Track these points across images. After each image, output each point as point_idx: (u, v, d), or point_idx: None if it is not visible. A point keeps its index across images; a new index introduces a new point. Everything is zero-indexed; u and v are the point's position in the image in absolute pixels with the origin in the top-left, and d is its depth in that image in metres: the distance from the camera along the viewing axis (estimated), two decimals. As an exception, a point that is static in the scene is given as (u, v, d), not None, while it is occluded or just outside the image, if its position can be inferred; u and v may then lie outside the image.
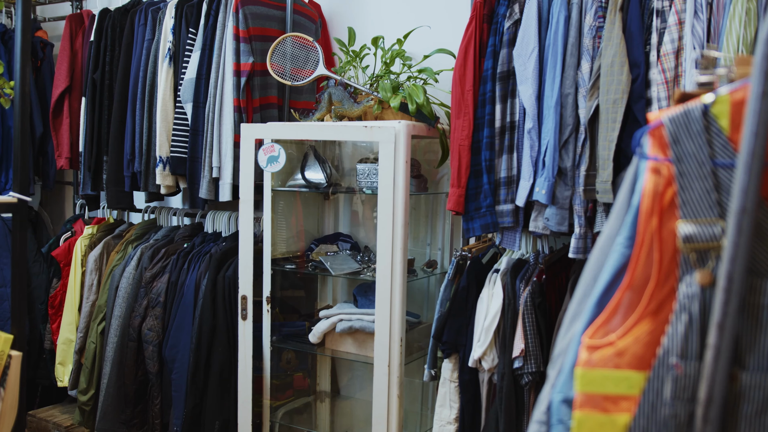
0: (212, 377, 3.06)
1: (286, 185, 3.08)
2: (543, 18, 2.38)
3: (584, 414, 0.92)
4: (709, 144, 0.90)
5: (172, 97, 3.23)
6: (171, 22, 3.24)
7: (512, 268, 2.49)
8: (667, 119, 0.92)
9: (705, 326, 0.88)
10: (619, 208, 0.99)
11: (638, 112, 2.15)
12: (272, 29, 3.13)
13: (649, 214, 0.92)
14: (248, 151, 2.85)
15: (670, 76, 2.12)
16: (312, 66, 2.88)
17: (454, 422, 2.57)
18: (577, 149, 2.27)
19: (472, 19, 2.51)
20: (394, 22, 3.19)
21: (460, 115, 2.50)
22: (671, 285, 0.92)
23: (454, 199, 2.50)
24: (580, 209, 2.27)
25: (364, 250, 3.17)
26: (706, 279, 0.88)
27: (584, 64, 2.27)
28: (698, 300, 0.88)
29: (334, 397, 3.38)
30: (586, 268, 1.03)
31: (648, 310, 0.92)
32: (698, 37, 2.08)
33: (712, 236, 0.88)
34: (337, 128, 2.74)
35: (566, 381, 0.96)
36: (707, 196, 0.89)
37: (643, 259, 0.93)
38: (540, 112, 2.35)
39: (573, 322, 1.01)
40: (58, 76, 3.74)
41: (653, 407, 0.90)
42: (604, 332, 0.93)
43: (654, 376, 0.90)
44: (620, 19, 2.20)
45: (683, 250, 0.90)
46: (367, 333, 2.86)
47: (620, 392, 0.91)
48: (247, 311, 2.89)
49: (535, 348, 2.36)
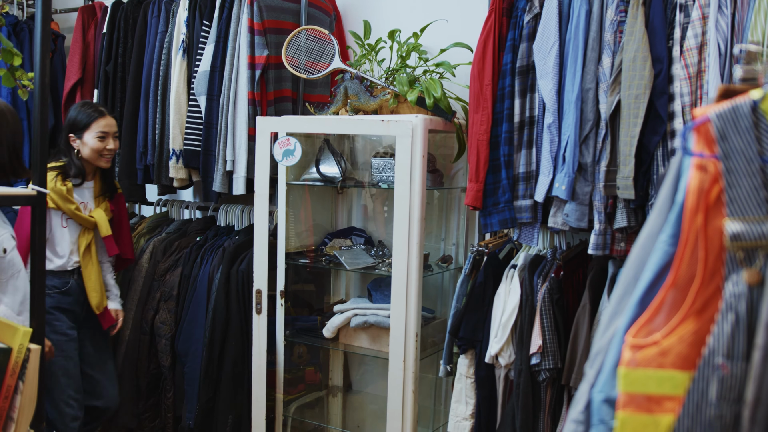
0: (225, 371, 3.06)
1: (300, 179, 3.06)
2: (563, 12, 2.36)
3: (627, 414, 0.90)
4: (758, 141, 0.88)
5: (185, 90, 3.22)
6: (185, 14, 3.22)
7: (530, 264, 2.47)
8: (714, 115, 0.91)
9: (752, 326, 0.86)
10: (661, 205, 0.98)
11: (660, 108, 2.13)
12: (287, 22, 3.12)
13: (694, 211, 0.91)
14: (264, 145, 2.84)
15: (694, 71, 2.10)
16: (327, 59, 2.86)
17: (470, 418, 2.56)
18: (598, 145, 2.26)
19: (491, 13, 2.49)
20: (410, 15, 3.17)
21: (479, 110, 2.49)
22: (717, 284, 0.90)
23: (472, 194, 2.49)
24: (600, 205, 2.25)
25: (378, 244, 3.16)
26: (754, 278, 0.87)
27: (605, 58, 2.25)
28: (745, 299, 0.87)
29: (346, 391, 3.37)
30: (627, 265, 1.01)
31: (693, 310, 0.90)
32: (722, 32, 2.06)
33: (760, 234, 0.87)
34: (354, 122, 2.72)
35: (608, 380, 0.95)
36: (755, 194, 0.88)
37: (688, 258, 0.91)
38: (560, 107, 2.33)
39: (613, 320, 1.00)
40: (70, 68, 3.72)
41: (698, 408, 0.88)
42: (648, 331, 0.92)
43: (699, 376, 0.88)
44: (642, 13, 2.17)
45: (730, 248, 0.88)
46: (381, 328, 2.85)
47: (664, 392, 0.90)
48: (262, 305, 2.89)
49: (553, 344, 2.35)
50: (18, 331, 1.89)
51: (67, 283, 2.90)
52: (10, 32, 3.80)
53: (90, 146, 2.92)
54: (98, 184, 3.04)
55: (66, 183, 2.89)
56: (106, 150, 2.95)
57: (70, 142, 2.94)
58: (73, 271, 2.94)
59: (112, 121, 3.00)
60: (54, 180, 2.85)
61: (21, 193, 1.85)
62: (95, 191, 3.03)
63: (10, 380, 1.88)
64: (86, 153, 2.94)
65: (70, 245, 2.91)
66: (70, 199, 2.87)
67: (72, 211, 2.87)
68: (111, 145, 2.97)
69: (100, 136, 2.92)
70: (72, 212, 2.88)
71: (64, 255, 2.89)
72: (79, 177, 2.95)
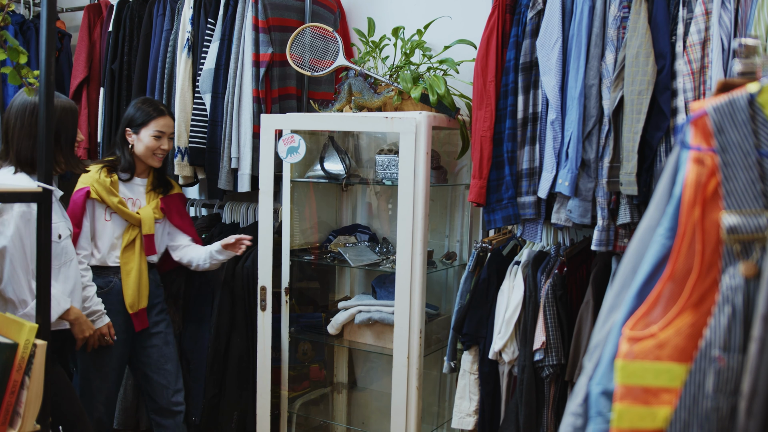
0: (230, 368, 3.07)
1: (304, 176, 3.07)
2: (567, 8, 2.36)
3: (625, 406, 0.91)
4: (755, 134, 0.89)
5: (190, 88, 3.23)
6: (190, 13, 3.24)
7: (533, 261, 2.48)
8: (712, 108, 0.91)
9: (749, 318, 0.86)
10: (659, 198, 0.98)
11: (663, 104, 2.13)
12: (291, 19, 3.12)
13: (691, 204, 0.91)
14: (268, 142, 2.85)
15: (697, 67, 2.09)
16: (331, 57, 2.87)
17: (473, 414, 2.57)
18: (601, 141, 2.26)
19: (495, 10, 2.49)
20: (414, 12, 3.17)
21: (482, 106, 2.49)
22: (714, 277, 0.90)
23: (475, 190, 2.49)
24: (604, 201, 2.25)
25: (382, 241, 3.17)
26: (750, 270, 0.87)
27: (608, 54, 2.25)
28: (742, 292, 0.87)
29: (351, 388, 3.38)
30: (624, 258, 1.02)
31: (690, 302, 0.91)
32: (725, 27, 2.06)
33: (757, 227, 0.87)
34: (358, 119, 2.73)
35: (605, 373, 0.96)
36: (752, 187, 0.88)
37: (685, 250, 0.92)
38: (563, 103, 2.33)
39: (611, 314, 1.00)
40: (76, 66, 3.74)
41: (695, 400, 0.89)
42: (645, 324, 0.92)
43: (696, 368, 0.89)
44: (646, 9, 2.17)
45: (727, 241, 0.89)
46: (385, 324, 2.86)
47: (661, 384, 0.90)
48: (266, 302, 2.89)
49: (556, 340, 2.35)
50: (24, 326, 1.91)
51: (110, 282, 2.85)
52: (17, 31, 3.82)
53: (144, 143, 2.91)
54: (151, 179, 3.01)
55: (111, 176, 2.87)
56: (160, 149, 2.93)
57: (125, 136, 2.93)
58: (116, 270, 2.87)
59: (171, 122, 2.99)
60: (98, 171, 2.85)
61: (26, 189, 1.87)
62: (148, 186, 3.00)
63: (16, 375, 1.89)
64: (139, 150, 2.92)
65: (111, 239, 2.86)
66: (113, 192, 2.85)
67: (115, 204, 2.84)
68: (165, 145, 2.95)
69: (157, 135, 2.91)
70: (115, 206, 2.84)
71: (103, 249, 2.85)
72: (127, 172, 2.93)
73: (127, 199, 2.92)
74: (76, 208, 2.80)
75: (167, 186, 3.08)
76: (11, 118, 2.39)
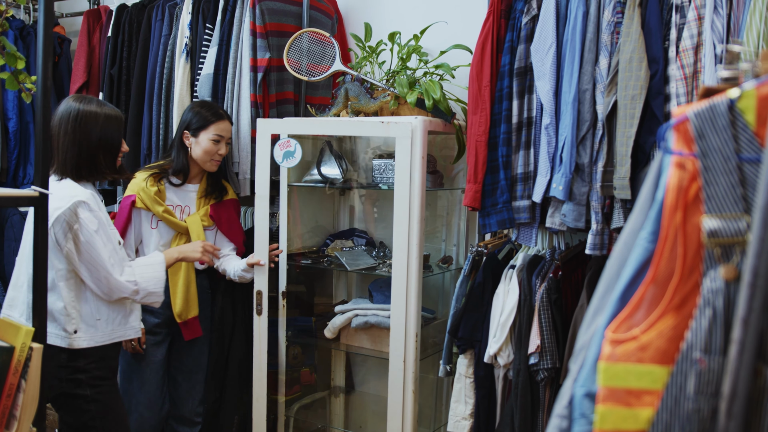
0: (231, 372, 3.08)
1: (302, 181, 3.08)
2: (561, 14, 2.37)
3: (607, 408, 0.92)
4: (735, 139, 0.90)
5: (188, 93, 3.25)
6: (188, 18, 3.26)
7: (528, 264, 2.49)
8: (693, 114, 0.92)
9: (729, 321, 0.87)
10: (642, 202, 0.99)
11: (657, 108, 2.14)
12: (289, 25, 3.14)
13: (673, 208, 0.92)
14: (264, 146, 2.86)
15: (690, 71, 2.11)
16: (328, 62, 2.88)
17: (469, 417, 2.58)
18: (595, 145, 2.27)
19: (490, 15, 2.51)
20: (411, 17, 3.19)
21: (477, 111, 2.50)
22: (695, 280, 0.91)
23: (470, 194, 2.50)
24: (597, 205, 2.26)
25: (379, 245, 3.18)
26: (730, 274, 0.88)
27: (602, 59, 2.26)
28: (722, 295, 0.88)
29: (348, 392, 3.39)
30: (609, 262, 1.03)
31: (672, 305, 0.92)
32: (718, 32, 2.07)
33: (737, 231, 0.88)
34: (354, 123, 2.74)
35: (589, 375, 0.96)
36: (732, 191, 0.89)
37: (667, 254, 0.93)
38: (557, 108, 2.35)
39: (595, 317, 1.01)
40: (75, 71, 3.76)
41: (676, 402, 0.89)
42: (628, 326, 0.93)
43: (677, 370, 0.90)
44: (639, 14, 2.19)
45: (708, 244, 0.90)
46: (382, 328, 2.87)
47: (643, 386, 0.91)
48: (262, 306, 2.90)
49: (551, 344, 2.36)
50: (20, 330, 1.92)
51: None
52: (17, 36, 3.84)
53: (203, 147, 2.87)
54: (204, 185, 2.97)
55: (159, 184, 2.84)
56: (217, 154, 2.90)
57: (183, 139, 2.90)
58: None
59: (229, 126, 2.95)
60: (145, 180, 2.82)
61: (23, 194, 1.88)
62: (200, 192, 2.96)
63: (12, 379, 1.91)
64: (197, 153, 2.88)
65: (157, 247, 2.85)
66: (159, 201, 2.82)
67: (160, 213, 2.82)
68: (223, 150, 2.91)
69: (215, 139, 2.87)
70: (160, 215, 2.82)
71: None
72: (180, 176, 2.90)
73: (175, 207, 2.89)
74: (121, 217, 2.81)
75: (221, 192, 3.02)
76: (55, 125, 2.35)
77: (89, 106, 2.36)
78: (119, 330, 2.42)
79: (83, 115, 2.34)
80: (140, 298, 2.42)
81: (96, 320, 2.36)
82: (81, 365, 2.35)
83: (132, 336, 2.48)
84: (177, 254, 2.62)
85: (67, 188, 2.31)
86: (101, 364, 2.40)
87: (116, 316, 2.40)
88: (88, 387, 2.37)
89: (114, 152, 2.42)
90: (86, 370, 2.36)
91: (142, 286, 2.39)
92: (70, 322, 2.32)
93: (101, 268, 2.30)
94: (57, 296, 2.32)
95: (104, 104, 2.42)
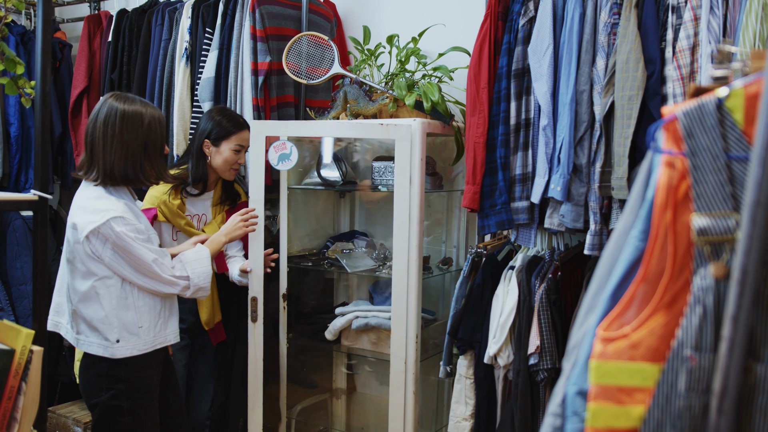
0: (236, 374, 3.09)
1: (302, 183, 3.09)
2: (558, 15, 2.38)
3: (599, 406, 0.93)
4: (724, 137, 0.90)
5: (189, 97, 3.26)
6: (188, 22, 3.27)
7: (527, 265, 2.49)
8: (681, 113, 0.93)
9: (719, 318, 0.88)
10: (633, 202, 1.00)
11: (653, 109, 2.15)
12: (288, 28, 3.16)
13: (663, 207, 0.93)
14: (258, 149, 2.80)
15: (686, 72, 2.11)
16: (327, 65, 2.89)
17: (469, 418, 2.58)
18: (592, 146, 2.28)
19: (487, 17, 2.52)
20: (409, 20, 3.20)
21: (475, 113, 2.51)
22: (685, 278, 0.92)
23: (469, 196, 2.51)
24: (596, 206, 2.27)
25: (379, 247, 3.19)
26: (720, 271, 0.89)
27: (599, 60, 2.27)
28: (713, 292, 0.89)
29: (350, 393, 3.40)
30: (601, 261, 1.03)
31: (662, 303, 0.92)
32: (714, 33, 2.08)
33: (726, 229, 0.89)
34: (353, 126, 2.75)
35: (581, 373, 0.97)
36: (721, 189, 0.90)
37: (658, 252, 0.93)
38: (555, 109, 2.35)
39: (588, 315, 1.02)
40: (76, 76, 3.78)
41: (667, 399, 0.90)
42: (619, 324, 0.94)
43: (668, 368, 0.90)
44: (635, 15, 2.20)
45: (697, 242, 0.90)
46: (382, 330, 2.87)
47: (635, 384, 0.92)
48: (258, 313, 2.83)
49: (551, 344, 2.37)
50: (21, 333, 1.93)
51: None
52: (18, 42, 3.86)
53: (224, 157, 2.83)
54: (218, 192, 2.94)
55: (180, 196, 2.81)
56: (237, 163, 2.87)
57: (203, 148, 2.84)
58: None
59: (248, 134, 2.88)
60: (166, 194, 2.79)
61: (23, 197, 1.89)
62: (214, 199, 2.94)
63: (13, 381, 1.92)
64: (217, 162, 2.84)
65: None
66: (180, 214, 2.80)
67: (182, 226, 2.81)
68: (242, 159, 2.89)
69: (237, 149, 2.83)
70: (182, 227, 2.81)
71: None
72: (199, 186, 2.85)
73: (192, 216, 2.88)
74: None
75: (235, 198, 3.01)
76: (98, 127, 2.24)
77: (133, 105, 2.27)
78: (160, 336, 2.37)
79: (130, 115, 2.25)
80: (190, 294, 2.39)
81: (138, 328, 2.30)
82: (122, 375, 2.30)
83: (172, 341, 2.43)
84: (224, 238, 2.57)
85: (100, 200, 2.24)
86: (143, 374, 2.34)
87: (157, 321, 2.35)
88: (126, 398, 2.30)
89: (160, 154, 2.35)
90: (127, 380, 2.30)
91: (193, 281, 2.37)
92: (112, 331, 2.26)
93: (148, 271, 2.25)
94: (97, 305, 2.26)
95: (147, 103, 2.34)
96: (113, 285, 2.26)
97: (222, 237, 2.59)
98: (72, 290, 2.31)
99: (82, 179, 2.31)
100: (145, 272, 2.26)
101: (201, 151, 2.85)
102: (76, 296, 2.29)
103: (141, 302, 2.31)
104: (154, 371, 2.39)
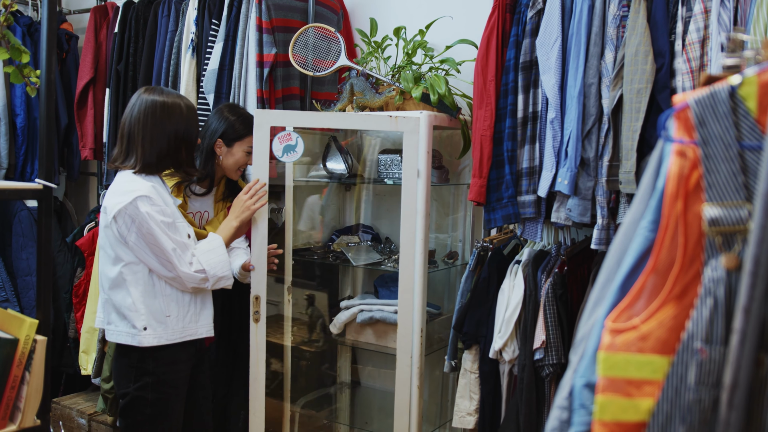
0: (238, 369, 3.09)
1: (308, 176, 3.08)
2: (566, 7, 2.36)
3: (607, 398, 0.91)
4: (736, 126, 0.89)
5: (194, 88, 3.26)
6: (194, 14, 3.26)
7: (534, 260, 2.48)
8: (693, 101, 0.91)
9: (730, 310, 0.86)
10: (643, 191, 0.98)
11: (662, 102, 2.13)
12: (294, 20, 3.14)
13: (674, 197, 0.91)
14: (262, 140, 2.65)
15: (696, 65, 2.09)
16: (334, 57, 2.88)
17: (474, 413, 2.57)
18: (600, 139, 2.26)
19: (495, 9, 2.50)
20: (416, 12, 3.18)
21: (482, 105, 2.49)
22: (696, 269, 0.90)
23: (475, 189, 2.50)
24: (603, 200, 2.25)
25: (385, 241, 3.18)
26: (732, 263, 0.87)
27: (608, 53, 2.25)
28: (724, 284, 0.87)
29: (354, 387, 3.39)
30: (609, 252, 1.02)
31: (672, 294, 0.91)
32: (724, 25, 2.06)
33: (738, 219, 0.87)
34: (361, 118, 2.73)
35: (589, 365, 0.96)
36: (734, 179, 0.88)
37: (668, 243, 0.92)
38: (563, 102, 2.33)
39: (596, 307, 1.00)
40: (82, 67, 3.77)
41: (677, 392, 0.89)
42: (628, 316, 0.92)
43: (678, 360, 0.89)
44: (645, 8, 2.17)
45: (709, 233, 0.89)
46: (387, 324, 2.86)
47: (643, 377, 0.90)
48: (260, 313, 2.71)
49: (557, 339, 2.35)
50: (24, 322, 1.93)
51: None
52: (25, 33, 3.86)
53: (236, 158, 2.76)
54: (221, 188, 2.89)
55: (183, 194, 2.75)
56: (245, 165, 2.82)
57: (215, 147, 2.76)
58: None
59: None
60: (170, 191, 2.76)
61: (27, 186, 1.89)
62: (217, 196, 2.89)
63: (16, 371, 1.91)
64: (228, 163, 2.77)
65: None
66: (184, 213, 2.71)
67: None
68: (251, 160, 2.79)
69: (249, 150, 2.76)
70: None
71: None
72: (205, 185, 2.80)
73: (195, 213, 2.85)
74: None
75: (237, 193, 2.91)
76: (138, 118, 2.28)
77: (170, 97, 2.33)
78: (190, 327, 2.36)
79: (169, 106, 2.30)
80: (211, 285, 2.38)
81: (166, 317, 2.29)
82: (150, 368, 2.29)
83: (204, 334, 2.41)
84: (235, 222, 2.53)
85: (129, 183, 2.25)
86: (171, 369, 2.32)
87: (187, 312, 2.34)
88: (152, 391, 2.29)
89: (194, 145, 2.40)
90: (155, 373, 2.29)
91: (210, 273, 2.35)
92: (139, 318, 2.26)
93: (166, 261, 2.25)
94: (125, 292, 2.26)
95: (183, 97, 2.38)
96: (140, 271, 2.26)
97: (233, 221, 2.54)
98: (104, 277, 2.32)
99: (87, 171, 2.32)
100: (164, 261, 2.25)
101: (212, 150, 2.78)
102: (107, 283, 2.30)
103: (169, 290, 2.30)
104: (183, 366, 2.38)
